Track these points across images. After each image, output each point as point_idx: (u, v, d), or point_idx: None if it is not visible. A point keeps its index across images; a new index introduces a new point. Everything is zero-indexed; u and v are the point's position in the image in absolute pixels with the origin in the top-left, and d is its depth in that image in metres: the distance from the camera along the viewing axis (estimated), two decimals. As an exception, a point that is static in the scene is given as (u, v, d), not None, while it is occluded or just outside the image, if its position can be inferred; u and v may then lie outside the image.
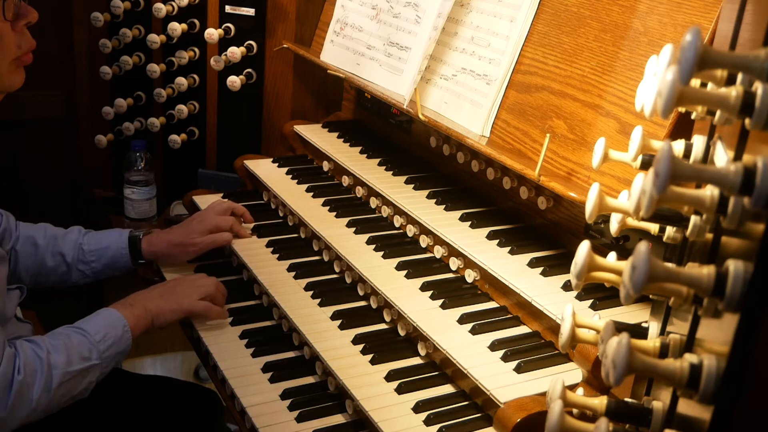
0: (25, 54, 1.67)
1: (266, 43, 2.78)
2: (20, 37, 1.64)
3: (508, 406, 1.46)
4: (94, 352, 1.72)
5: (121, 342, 1.79)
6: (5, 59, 1.62)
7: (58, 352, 1.66)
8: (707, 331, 0.80)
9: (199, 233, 2.18)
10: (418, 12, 2.33)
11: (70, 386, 1.67)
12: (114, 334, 1.77)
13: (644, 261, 0.74)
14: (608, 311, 1.66)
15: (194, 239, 2.18)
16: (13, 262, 2.06)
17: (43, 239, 2.12)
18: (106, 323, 1.79)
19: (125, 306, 1.86)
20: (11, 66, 1.64)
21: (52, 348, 1.66)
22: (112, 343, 1.76)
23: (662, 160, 0.72)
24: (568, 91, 1.83)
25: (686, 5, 1.62)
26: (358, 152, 2.48)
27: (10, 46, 1.62)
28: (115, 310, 1.83)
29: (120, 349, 1.79)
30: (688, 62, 0.71)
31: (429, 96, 2.20)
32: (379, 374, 1.72)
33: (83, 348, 1.71)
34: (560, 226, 1.91)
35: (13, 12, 1.61)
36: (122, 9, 2.76)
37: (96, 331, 1.75)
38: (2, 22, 1.59)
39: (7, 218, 2.06)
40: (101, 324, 1.78)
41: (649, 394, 0.98)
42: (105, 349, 1.75)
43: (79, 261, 2.12)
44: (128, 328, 1.80)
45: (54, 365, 1.64)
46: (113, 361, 1.79)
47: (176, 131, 2.87)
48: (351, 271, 2.03)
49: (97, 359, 1.72)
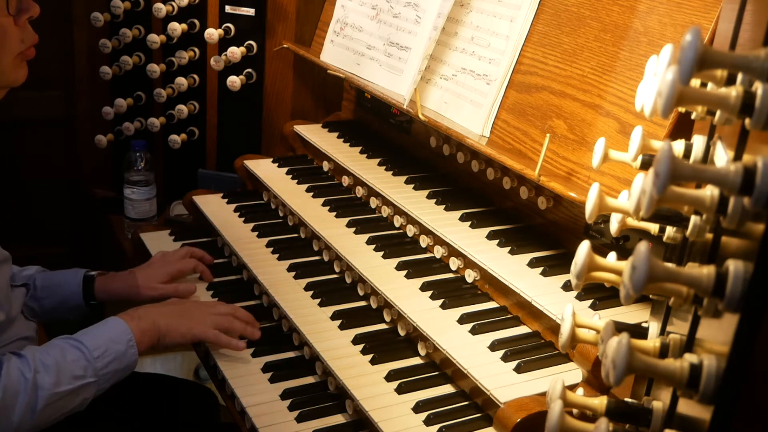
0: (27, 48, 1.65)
1: (266, 43, 2.78)
2: (23, 31, 1.62)
3: (508, 406, 1.46)
4: (89, 370, 1.63)
5: (124, 358, 1.70)
6: (9, 54, 1.59)
7: (47, 371, 1.57)
8: (707, 331, 0.80)
9: (161, 279, 2.07)
10: (418, 12, 2.33)
11: (58, 406, 1.60)
12: (116, 350, 1.68)
13: (644, 261, 0.74)
14: (608, 311, 1.66)
15: (155, 285, 2.05)
16: None
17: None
18: (110, 337, 1.70)
19: (134, 318, 1.77)
20: (15, 61, 1.61)
21: (41, 366, 1.57)
22: (112, 359, 1.67)
23: (662, 160, 0.72)
24: (568, 91, 1.83)
25: (686, 5, 1.62)
26: (358, 152, 2.48)
27: (14, 41, 1.59)
28: (123, 322, 1.74)
29: (122, 366, 1.70)
30: (688, 62, 0.71)
31: (429, 96, 2.20)
32: (379, 374, 1.72)
33: (77, 366, 1.62)
34: (560, 226, 1.91)
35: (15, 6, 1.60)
36: (122, 9, 2.76)
37: (96, 346, 1.66)
38: (5, 16, 1.57)
39: None
40: (104, 338, 1.69)
41: (649, 394, 0.98)
42: (103, 365, 1.66)
43: (30, 297, 1.99)
44: (133, 343, 1.71)
45: (40, 386, 1.55)
46: (114, 377, 1.70)
47: (176, 131, 2.87)
48: (351, 271, 2.03)
49: (93, 377, 1.64)
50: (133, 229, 2.57)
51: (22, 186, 3.21)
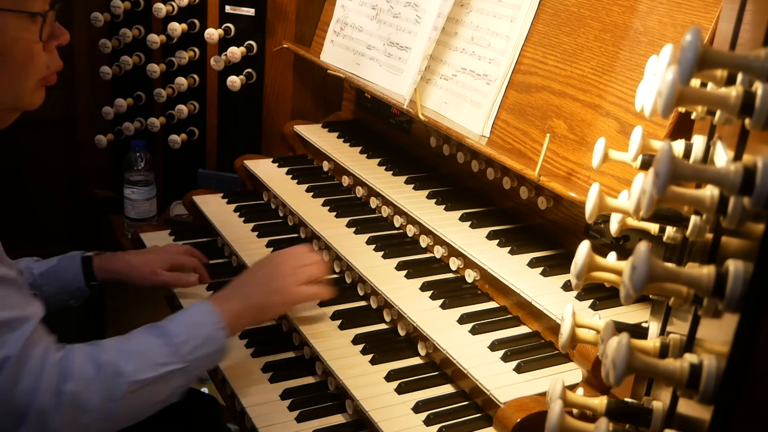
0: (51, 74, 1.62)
1: (266, 43, 2.78)
2: (50, 57, 1.58)
3: (508, 406, 1.47)
4: (174, 356, 1.54)
5: (212, 342, 1.60)
6: (32, 79, 1.55)
7: (126, 358, 1.50)
8: (707, 331, 0.80)
9: (161, 264, 2.03)
10: (418, 12, 2.33)
11: (146, 395, 1.51)
12: (202, 334, 1.59)
13: (644, 261, 0.74)
14: (608, 311, 1.66)
15: (156, 270, 2.02)
16: None
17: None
18: (194, 321, 1.62)
19: (222, 300, 1.69)
20: (37, 85, 1.57)
21: (119, 353, 1.50)
22: (199, 343, 1.58)
23: (662, 160, 0.72)
24: (568, 91, 1.83)
25: (686, 5, 1.62)
26: (358, 152, 2.48)
27: (40, 67, 1.55)
28: (209, 305, 1.65)
29: (212, 350, 1.60)
30: (688, 62, 0.71)
31: (429, 96, 2.20)
32: (379, 374, 1.72)
33: (159, 353, 1.54)
34: (560, 226, 1.91)
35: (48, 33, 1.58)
36: (122, 9, 2.76)
37: (179, 331, 1.58)
38: (36, 42, 1.53)
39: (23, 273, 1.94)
40: (187, 322, 1.61)
41: (649, 394, 0.98)
42: (190, 350, 1.56)
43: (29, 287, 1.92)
44: (222, 326, 1.62)
45: (119, 373, 1.47)
46: (206, 362, 1.62)
47: (176, 131, 2.87)
48: (351, 271, 2.03)
49: (180, 363, 1.55)
50: (133, 229, 2.57)
51: (22, 186, 3.21)
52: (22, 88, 1.55)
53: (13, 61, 1.50)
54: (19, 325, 1.39)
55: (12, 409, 1.37)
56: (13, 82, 1.52)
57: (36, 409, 1.38)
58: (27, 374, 1.38)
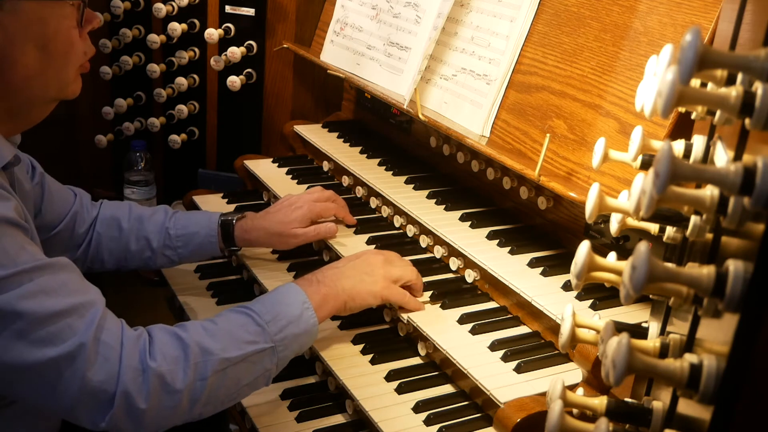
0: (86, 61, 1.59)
1: (266, 43, 2.78)
2: (85, 43, 1.57)
3: (508, 406, 1.46)
4: (262, 335, 1.52)
5: (300, 322, 1.57)
6: (73, 66, 1.54)
7: (212, 336, 1.47)
8: (707, 331, 0.80)
9: (300, 222, 2.01)
10: (418, 12, 2.33)
11: (235, 375, 1.48)
12: (289, 314, 1.56)
13: (644, 261, 0.74)
14: (608, 311, 1.66)
15: (295, 230, 2.00)
16: (95, 244, 1.96)
17: (128, 222, 1.97)
18: (281, 301, 1.59)
19: (310, 282, 1.67)
20: (76, 73, 1.57)
21: (204, 331, 1.47)
22: (286, 323, 1.55)
23: (662, 160, 0.72)
24: (568, 91, 1.83)
25: (686, 5, 1.62)
26: (358, 152, 2.48)
27: (78, 54, 1.54)
28: (296, 286, 1.64)
29: (300, 330, 1.57)
30: (688, 62, 0.71)
31: (429, 96, 2.20)
32: (379, 374, 1.72)
33: (246, 331, 1.51)
34: (560, 226, 1.91)
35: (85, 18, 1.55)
36: (122, 9, 2.76)
37: (266, 310, 1.55)
38: (75, 28, 1.52)
39: (80, 199, 1.96)
40: (274, 302, 1.59)
41: (649, 394, 0.98)
42: (278, 330, 1.54)
43: (165, 246, 1.97)
44: (309, 306, 1.59)
45: (207, 350, 1.44)
46: (295, 343, 1.58)
47: (176, 131, 2.87)
48: (351, 271, 2.02)
49: (268, 342, 1.52)
50: (133, 229, 2.57)
51: (22, 186, 3.20)
52: (66, 76, 1.54)
53: (56, 51, 1.50)
54: (87, 311, 1.37)
55: (96, 394, 1.35)
56: (57, 72, 1.52)
57: (121, 391, 1.35)
58: (105, 358, 1.36)
